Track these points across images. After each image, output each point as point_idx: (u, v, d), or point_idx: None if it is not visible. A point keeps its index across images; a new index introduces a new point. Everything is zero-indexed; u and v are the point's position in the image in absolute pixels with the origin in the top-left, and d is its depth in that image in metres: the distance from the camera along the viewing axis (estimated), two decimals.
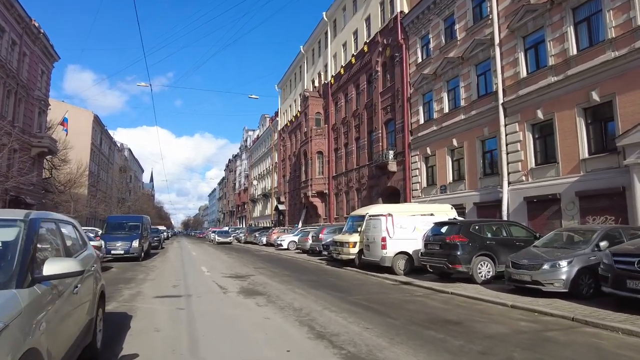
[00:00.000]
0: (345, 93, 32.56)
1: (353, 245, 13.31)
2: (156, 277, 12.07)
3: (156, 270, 14.28)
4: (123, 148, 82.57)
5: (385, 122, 25.97)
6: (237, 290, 9.10)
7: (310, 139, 36.17)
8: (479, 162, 18.08)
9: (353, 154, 30.74)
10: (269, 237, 30.41)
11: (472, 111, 18.44)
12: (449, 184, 19.97)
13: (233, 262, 17.58)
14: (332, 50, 35.33)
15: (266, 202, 61.03)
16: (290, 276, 11.89)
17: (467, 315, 6.25)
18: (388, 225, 11.49)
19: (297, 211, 43.66)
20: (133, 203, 68.60)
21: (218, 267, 15.08)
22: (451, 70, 19.91)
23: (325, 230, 18.72)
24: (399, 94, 24.00)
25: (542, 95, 14.86)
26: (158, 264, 16.80)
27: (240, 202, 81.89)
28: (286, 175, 48.40)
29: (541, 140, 15.29)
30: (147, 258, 19.77)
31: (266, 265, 15.74)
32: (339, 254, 13.87)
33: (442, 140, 20.40)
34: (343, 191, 32.13)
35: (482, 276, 9.24)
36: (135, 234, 18.45)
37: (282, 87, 52.83)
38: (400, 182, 23.68)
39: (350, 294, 8.36)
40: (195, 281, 10.92)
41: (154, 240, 29.17)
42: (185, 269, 14.53)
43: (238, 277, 11.65)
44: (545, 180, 14.63)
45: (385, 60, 26.16)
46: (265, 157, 63.17)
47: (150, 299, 7.87)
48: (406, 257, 11.60)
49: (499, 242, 9.65)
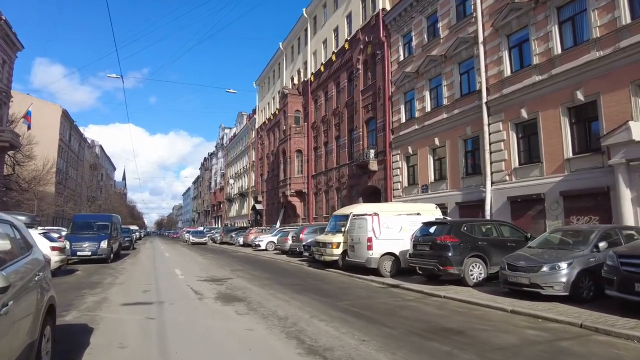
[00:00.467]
0: (325, 91, 32.04)
1: (336, 246, 12.77)
2: (125, 280, 11.18)
3: (126, 273, 13.34)
4: (94, 145, 79.59)
5: (366, 120, 25.60)
6: (214, 295, 8.39)
7: (289, 137, 35.48)
8: (461, 161, 17.88)
9: (333, 152, 30.25)
10: (246, 238, 29.55)
11: (454, 110, 18.23)
12: (430, 183, 19.73)
13: (209, 264, 16.76)
14: (312, 47, 34.75)
15: (243, 201, 59.89)
16: (270, 279, 11.24)
17: (467, 322, 5.80)
18: (374, 225, 10.99)
19: (275, 211, 42.87)
20: (104, 202, 66.13)
21: (193, 270, 14.26)
22: (434, 68, 19.67)
23: (306, 230, 18.12)
24: (381, 92, 23.65)
25: (526, 94, 14.73)
26: (128, 266, 15.81)
27: (216, 201, 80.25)
28: (264, 174, 47.51)
29: (525, 140, 15.17)
30: (116, 259, 18.69)
31: (244, 268, 15.01)
32: (321, 255, 13.28)
33: (424, 139, 20.14)
34: (322, 191, 31.61)
35: (473, 278, 8.87)
36: (104, 234, 17.35)
37: (260, 84, 51.90)
38: (381, 181, 23.33)
39: (337, 299, 7.80)
40: (168, 285, 10.12)
41: (124, 240, 27.85)
42: (158, 272, 13.65)
43: (214, 281, 10.91)
44: (529, 180, 14.50)
45: (366, 57, 25.78)
46: (242, 156, 61.98)
47: (117, 307, 7.09)
48: (392, 259, 11.14)
49: (491, 242, 9.30)
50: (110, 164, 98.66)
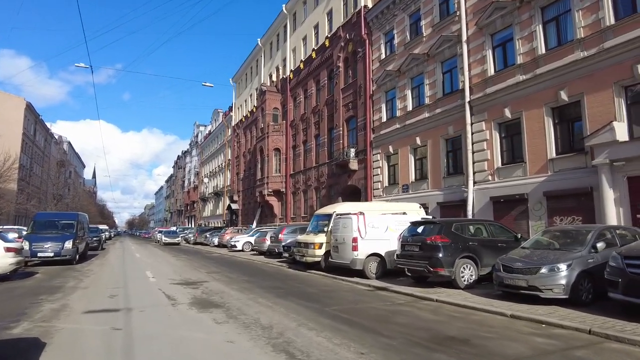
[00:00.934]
0: (304, 89, 31.48)
1: (319, 247, 12.21)
2: (90, 284, 10.26)
3: (92, 275, 12.37)
4: (61, 141, 76.21)
5: (347, 119, 25.19)
6: (189, 301, 7.68)
7: (267, 135, 34.71)
8: (443, 161, 17.69)
9: (312, 151, 29.71)
10: (222, 238, 28.60)
11: (436, 109, 18.03)
12: (411, 183, 19.48)
13: (182, 266, 15.89)
14: (292, 44, 34.12)
15: (218, 200, 58.55)
16: (250, 282, 10.55)
17: (468, 329, 5.37)
18: (360, 225, 10.50)
19: (252, 211, 41.96)
20: (72, 200, 63.24)
21: (165, 272, 13.41)
22: (416, 67, 19.44)
23: (286, 230, 17.47)
24: (361, 91, 23.29)
25: (510, 94, 14.62)
26: (95, 268, 14.78)
27: (190, 200, 78.29)
28: (240, 173, 46.48)
29: (508, 140, 15.06)
30: (83, 261, 17.53)
31: (220, 270, 14.24)
32: (303, 256, 12.69)
33: (405, 138, 19.89)
34: (301, 190, 31.02)
35: (464, 280, 8.50)
36: (69, 233, 16.18)
37: (237, 80, 50.82)
38: (361, 180, 22.96)
39: (324, 304, 7.25)
40: (138, 289, 9.31)
41: (92, 240, 26.49)
42: (127, 274, 12.73)
43: (189, 284, 10.15)
44: (512, 180, 14.38)
45: (347, 55, 25.37)
46: (217, 154, 60.60)
47: (78, 316, 6.29)
48: (378, 260, 10.68)
49: (481, 243, 8.95)
50: (80, 161, 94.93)
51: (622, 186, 11.26)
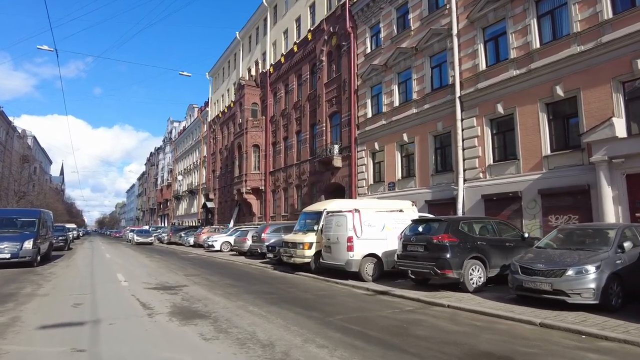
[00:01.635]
0: (285, 83, 30.53)
1: (308, 247, 11.38)
2: (51, 290, 9.07)
3: (54, 279, 11.10)
4: (25, 135, 72.08)
5: (330, 115, 24.43)
6: (169, 310, 6.71)
7: (245, 130, 33.56)
8: (432, 158, 17.19)
9: (293, 148, 28.82)
10: (198, 238, 27.33)
11: (425, 105, 17.51)
12: (397, 180, 18.91)
13: (157, 268, 14.74)
14: (272, 37, 33.10)
15: (192, 199, 56.77)
16: (235, 286, 9.61)
17: (503, 343, 4.67)
18: (355, 223, 9.72)
19: (229, 209, 40.67)
20: (36, 197, 59.82)
21: (138, 275, 12.27)
22: (403, 61, 18.87)
23: (269, 229, 16.53)
24: (346, 86, 22.59)
25: (502, 89, 14.21)
26: (59, 271, 13.44)
27: (163, 199, 75.83)
28: (216, 171, 45.04)
29: (500, 136, 14.66)
30: (45, 262, 16.08)
31: (200, 272, 13.19)
32: (290, 257, 11.84)
33: (392, 135, 19.31)
34: (281, 188, 30.08)
35: (473, 283, 7.86)
36: (30, 232, 14.74)
37: (214, 75, 49.29)
38: (345, 178, 22.27)
39: (326, 313, 6.44)
40: (107, 296, 8.23)
41: (58, 240, 24.77)
42: (95, 278, 11.51)
43: (167, 289, 9.13)
44: (505, 177, 13.98)
45: (330, 49, 24.62)
46: (192, 151, 58.76)
47: (31, 333, 5.23)
48: (375, 261, 9.94)
49: (489, 242, 8.34)
50: (46, 157, 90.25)
51: (621, 184, 10.96)
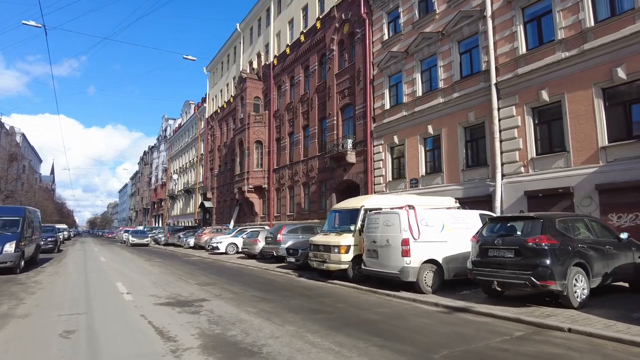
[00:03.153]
0: (291, 75, 28.90)
1: (345, 250, 9.71)
2: (34, 308, 7.27)
3: (39, 291, 9.35)
4: (14, 132, 69.62)
5: (342, 107, 22.86)
6: (198, 341, 4.99)
7: (247, 126, 31.87)
8: (462, 151, 15.69)
9: (300, 144, 27.20)
10: (199, 239, 25.57)
11: (453, 94, 16.02)
12: (421, 177, 17.39)
13: (162, 274, 13.02)
14: (276, 28, 31.45)
15: (188, 198, 54.91)
16: (268, 301, 7.87)
17: None
18: (411, 222, 8.10)
19: (228, 209, 38.95)
20: (25, 196, 57.52)
21: (142, 283, 10.58)
22: (427, 47, 17.35)
23: (285, 229, 14.83)
24: (360, 76, 21.03)
25: (547, 74, 12.74)
26: (46, 279, 11.68)
27: (157, 198, 73.75)
28: (214, 169, 43.26)
29: (544, 126, 13.18)
30: (31, 268, 14.33)
31: (213, 279, 11.48)
32: (322, 262, 10.12)
33: (414, 127, 17.78)
34: (286, 186, 28.44)
35: (577, 296, 6.27)
36: (12, 233, 13.00)
37: (212, 69, 47.49)
38: (360, 175, 20.70)
39: (418, 346, 4.75)
40: (108, 318, 6.49)
41: (46, 242, 22.95)
42: (91, 288, 9.79)
43: (183, 305, 7.42)
44: (552, 171, 12.51)
45: (342, 37, 23.05)
46: (188, 148, 56.88)
47: None
48: (434, 268, 8.31)
49: (590, 246, 6.77)
50: (36, 156, 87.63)
51: None
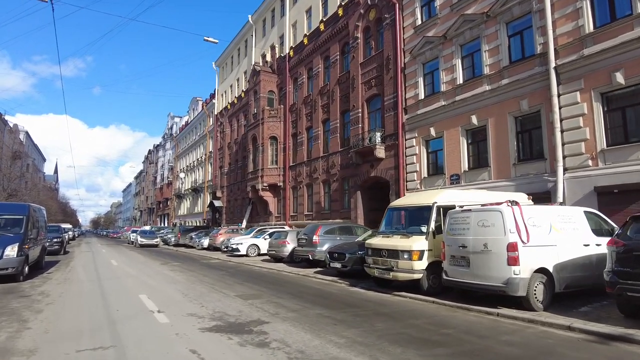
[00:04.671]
0: (308, 67, 27.40)
1: (418, 257, 8.05)
2: (42, 336, 5.65)
3: (47, 308, 7.65)
4: (17, 130, 68.37)
5: (368, 99, 21.36)
6: None
7: (261, 121, 30.40)
8: (512, 143, 14.18)
9: (319, 139, 25.70)
10: (214, 240, 24.07)
11: (502, 80, 14.50)
12: (463, 172, 15.87)
13: (189, 282, 11.46)
14: (292, 18, 29.95)
15: (196, 197, 53.57)
16: (343, 323, 6.18)
17: None
18: (518, 222, 6.56)
19: (239, 208, 37.55)
20: (28, 194, 56.23)
21: (172, 296, 9.04)
22: (469, 30, 15.83)
23: (321, 230, 13.25)
24: (390, 64, 19.52)
25: (622, 54, 11.20)
26: (54, 289, 9.99)
27: (162, 197, 72.48)
28: (224, 167, 41.85)
29: (617, 113, 11.64)
30: (36, 274, 12.84)
31: (255, 290, 9.86)
32: (388, 271, 8.44)
33: (454, 118, 16.27)
34: (304, 184, 26.96)
35: None
36: (14, 234, 11.39)
37: (221, 65, 46.03)
38: (390, 171, 19.18)
39: None
40: (145, 353, 4.99)
41: (52, 243, 21.51)
42: (111, 303, 8.20)
43: (238, 332, 5.79)
44: (628, 164, 10.98)
45: (368, 24, 21.54)
46: (196, 146, 55.49)
47: None
48: (544, 279, 6.71)
49: None
50: (40, 155, 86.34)
51: None
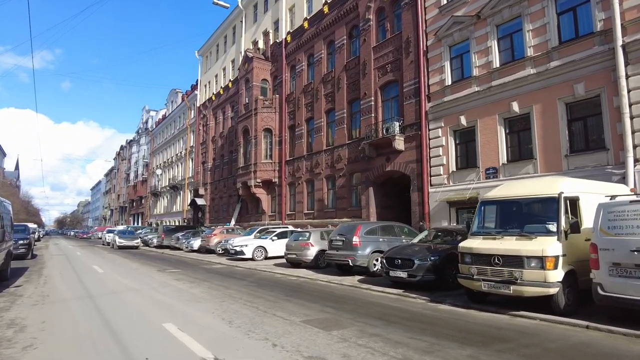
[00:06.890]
0: (309, 53, 25.30)
1: (553, 265, 6.02)
2: None
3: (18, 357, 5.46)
4: None
5: (382, 85, 19.50)
6: None
7: (254, 112, 28.06)
8: (563, 133, 12.64)
9: (321, 131, 23.67)
10: (208, 241, 21.54)
11: (551, 62, 12.94)
12: (502, 165, 14.26)
13: (216, 299, 8.94)
14: (289, 1, 27.73)
15: (175, 195, 50.37)
16: None
17: None
18: None
19: (225, 206, 35.03)
20: None
21: (211, 325, 6.62)
22: (508, 9, 14.23)
23: (361, 229, 11.06)
24: (410, 47, 17.72)
25: None
26: (30, 315, 7.33)
27: (136, 196, 68.50)
28: (207, 162, 39.16)
29: None
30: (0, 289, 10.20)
31: (318, 311, 7.46)
32: (507, 284, 6.41)
33: (490, 105, 14.64)
34: (303, 180, 24.86)
35: None
36: None
37: (205, 54, 43.17)
38: (411, 164, 17.38)
39: None
40: None
41: (19, 246, 18.39)
42: (126, 344, 5.77)
43: None
44: None
45: (382, 5, 19.70)
46: (175, 141, 52.25)
47: None
48: None
49: None
50: None
51: None
